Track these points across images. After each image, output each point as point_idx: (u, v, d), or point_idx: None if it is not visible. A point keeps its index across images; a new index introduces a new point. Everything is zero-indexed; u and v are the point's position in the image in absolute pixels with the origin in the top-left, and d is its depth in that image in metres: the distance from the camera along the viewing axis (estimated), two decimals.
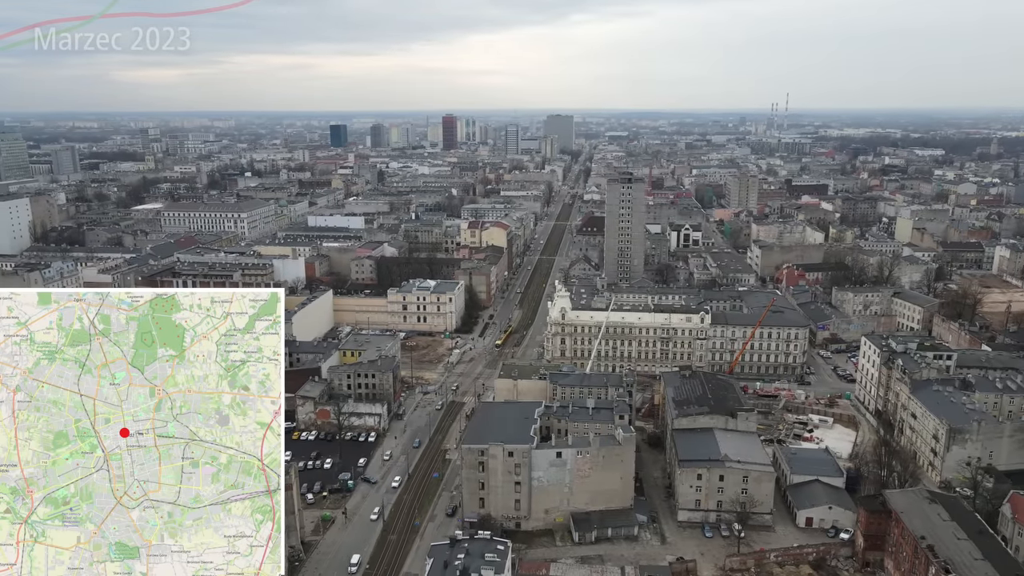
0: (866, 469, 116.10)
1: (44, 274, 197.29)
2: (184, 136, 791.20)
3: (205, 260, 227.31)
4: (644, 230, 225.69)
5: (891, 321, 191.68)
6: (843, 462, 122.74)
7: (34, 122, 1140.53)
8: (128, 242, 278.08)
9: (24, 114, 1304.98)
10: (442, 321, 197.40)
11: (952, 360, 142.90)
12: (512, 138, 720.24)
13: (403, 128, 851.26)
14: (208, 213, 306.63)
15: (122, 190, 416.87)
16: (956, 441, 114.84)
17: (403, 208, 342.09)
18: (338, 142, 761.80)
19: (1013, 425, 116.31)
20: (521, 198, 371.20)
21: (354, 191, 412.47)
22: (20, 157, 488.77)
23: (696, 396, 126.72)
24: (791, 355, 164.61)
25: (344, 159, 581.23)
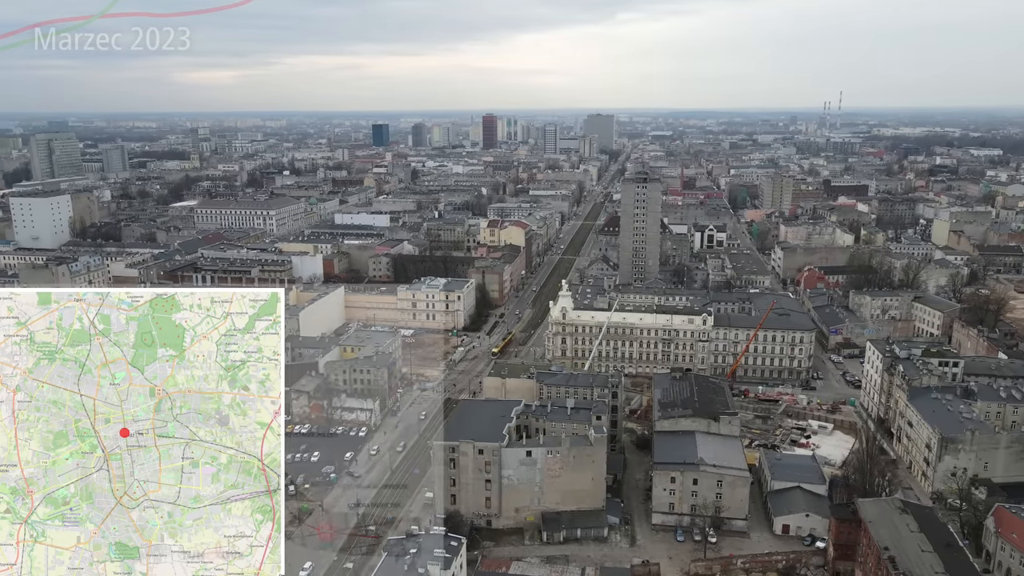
0: (854, 477, 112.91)
1: (71, 268, 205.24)
2: (233, 135, 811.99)
3: (227, 256, 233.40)
4: (660, 230, 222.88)
5: (909, 326, 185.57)
6: (832, 469, 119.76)
7: (97, 122, 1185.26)
8: (161, 238, 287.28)
9: (88, 115, 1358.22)
10: (451, 319, 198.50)
11: (959, 367, 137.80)
12: (551, 137, 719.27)
13: (444, 127, 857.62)
14: (239, 210, 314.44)
15: (164, 188, 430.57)
16: (948, 451, 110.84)
17: (430, 207, 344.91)
18: (380, 141, 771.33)
19: (1010, 436, 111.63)
20: (549, 197, 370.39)
21: (386, 190, 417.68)
22: (73, 156, 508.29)
23: (682, 399, 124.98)
24: (796, 359, 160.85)
25: (382, 158, 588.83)
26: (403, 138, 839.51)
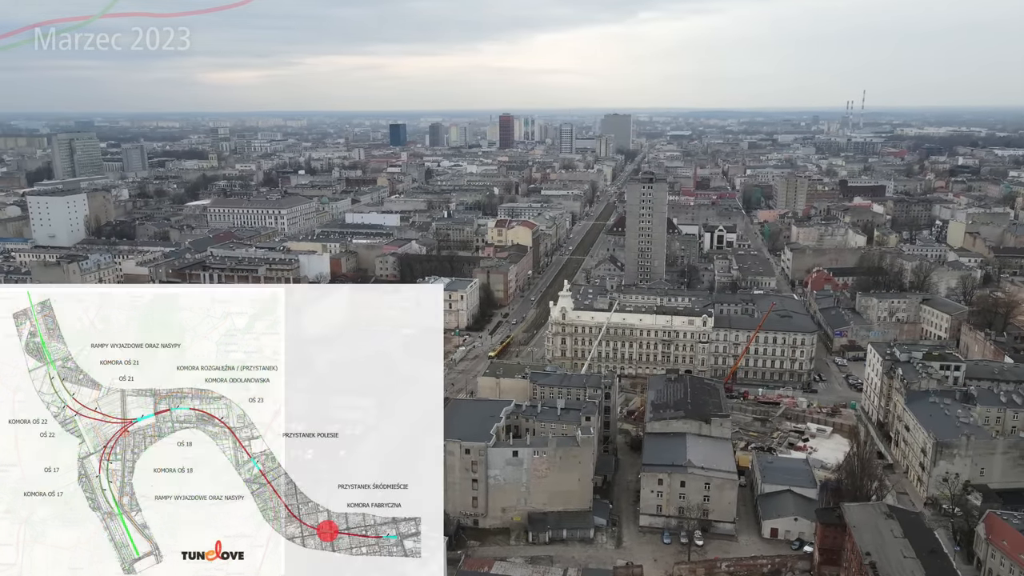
0: (846, 482, 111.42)
1: (82, 265, 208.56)
2: (253, 135, 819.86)
3: (235, 254, 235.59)
4: (667, 231, 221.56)
5: (916, 329, 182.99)
6: (827, 473, 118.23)
7: (121, 122, 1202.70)
8: (174, 236, 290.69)
9: (114, 115, 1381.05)
10: (454, 318, 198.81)
11: (961, 371, 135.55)
12: (567, 137, 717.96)
13: (461, 127, 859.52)
14: (251, 210, 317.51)
15: (181, 187, 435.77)
16: (943, 456, 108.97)
17: (441, 206, 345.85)
18: (397, 141, 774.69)
19: (1007, 442, 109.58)
20: (560, 197, 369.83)
21: (399, 189, 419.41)
22: (93, 155, 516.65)
23: (675, 400, 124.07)
24: (797, 361, 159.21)
25: (397, 158, 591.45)
26: (421, 138, 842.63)
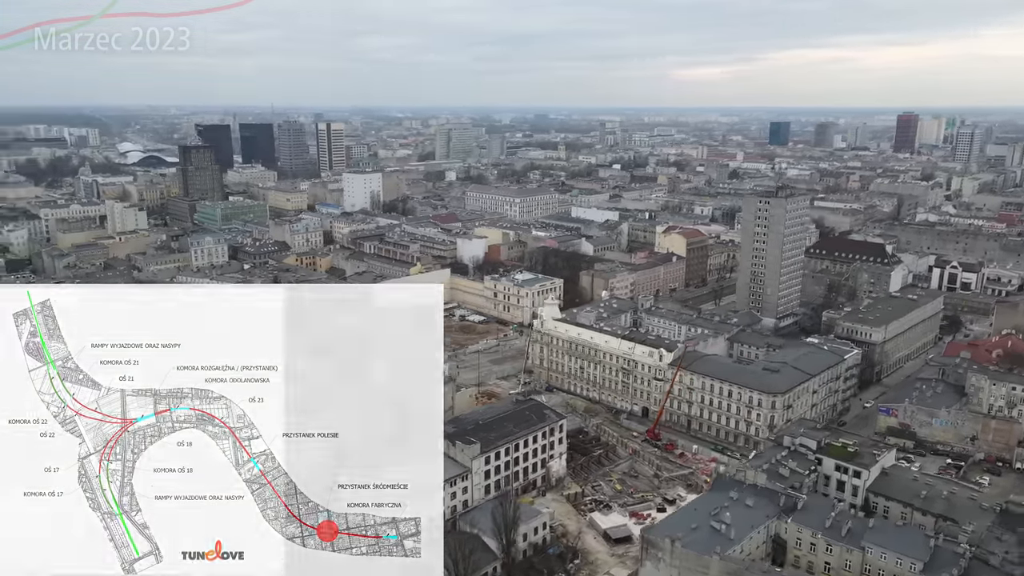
0: None
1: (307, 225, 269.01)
2: (638, 129, 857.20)
3: (416, 232, 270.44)
4: (780, 253, 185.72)
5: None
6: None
7: (574, 116, 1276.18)
8: (427, 212, 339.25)
9: (567, 109, 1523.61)
10: (519, 313, 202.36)
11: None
12: (978, 142, 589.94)
13: (854, 128, 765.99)
14: (493, 196, 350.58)
15: (502, 171, 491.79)
16: None
17: (681, 208, 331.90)
18: (777, 140, 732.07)
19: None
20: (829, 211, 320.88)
21: (681, 189, 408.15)
22: (467, 142, 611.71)
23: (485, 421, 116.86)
24: (753, 425, 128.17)
25: (732, 158, 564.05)
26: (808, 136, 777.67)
